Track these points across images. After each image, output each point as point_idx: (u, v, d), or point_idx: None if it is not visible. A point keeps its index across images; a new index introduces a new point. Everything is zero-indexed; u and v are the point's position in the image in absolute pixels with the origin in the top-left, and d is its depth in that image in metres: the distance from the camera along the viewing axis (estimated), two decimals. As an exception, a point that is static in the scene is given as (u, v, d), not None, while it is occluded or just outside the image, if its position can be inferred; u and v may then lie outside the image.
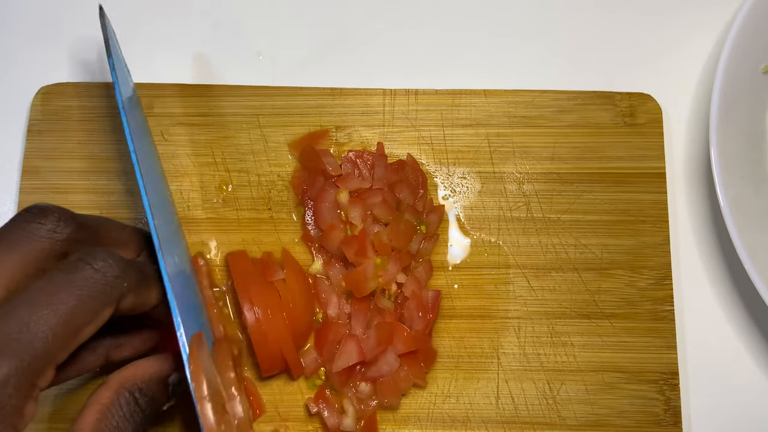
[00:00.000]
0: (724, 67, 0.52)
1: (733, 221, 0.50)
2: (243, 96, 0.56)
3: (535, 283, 0.53)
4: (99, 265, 0.38)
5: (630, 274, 0.53)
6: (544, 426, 0.51)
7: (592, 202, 0.55)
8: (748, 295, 0.54)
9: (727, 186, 0.50)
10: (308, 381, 0.51)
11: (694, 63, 0.59)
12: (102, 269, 0.38)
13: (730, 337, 0.54)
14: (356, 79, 0.57)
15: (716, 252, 0.55)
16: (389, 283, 0.51)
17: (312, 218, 0.53)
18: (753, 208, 0.52)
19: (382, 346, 0.49)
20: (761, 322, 0.54)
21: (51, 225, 0.39)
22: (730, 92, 0.52)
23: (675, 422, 0.51)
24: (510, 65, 0.58)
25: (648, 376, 0.52)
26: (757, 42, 0.53)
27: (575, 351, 0.52)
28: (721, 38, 0.59)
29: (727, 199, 0.50)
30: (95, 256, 0.38)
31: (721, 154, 0.51)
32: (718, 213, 0.54)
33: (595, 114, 0.56)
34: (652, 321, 0.52)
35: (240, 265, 0.50)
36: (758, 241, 0.50)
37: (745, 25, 0.52)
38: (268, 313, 0.48)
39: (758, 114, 0.55)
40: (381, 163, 0.53)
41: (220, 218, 0.54)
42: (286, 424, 0.50)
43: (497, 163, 0.55)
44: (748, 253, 0.49)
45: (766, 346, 0.53)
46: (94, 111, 0.56)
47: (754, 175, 0.54)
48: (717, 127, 0.51)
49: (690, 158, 0.57)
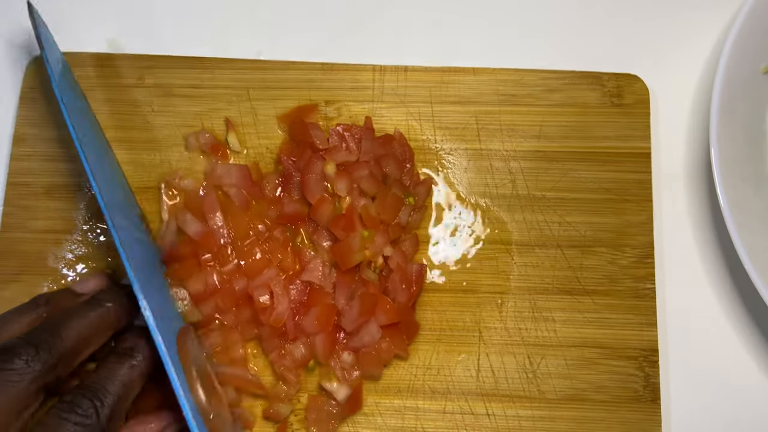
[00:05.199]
0: (724, 67, 0.52)
1: (733, 221, 0.50)
2: (234, 69, 0.56)
3: (518, 258, 0.54)
4: (77, 420, 0.39)
5: (612, 251, 0.54)
6: (523, 399, 0.52)
7: (577, 180, 0.55)
8: (748, 295, 0.54)
9: (727, 186, 0.50)
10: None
11: (694, 63, 0.59)
12: (84, 417, 0.39)
13: (731, 337, 0.54)
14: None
15: (716, 252, 0.55)
16: (376, 256, 0.51)
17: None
18: (753, 208, 0.52)
19: (365, 317, 0.50)
20: (761, 322, 0.54)
21: (20, 365, 0.39)
22: (730, 92, 0.52)
23: (653, 398, 0.51)
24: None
25: (628, 352, 0.52)
26: (757, 42, 0.53)
27: (556, 326, 0.53)
28: (721, 38, 0.59)
29: (727, 199, 0.50)
30: (77, 406, 0.40)
31: (721, 154, 0.51)
32: (718, 213, 0.54)
33: (583, 94, 0.56)
34: (633, 298, 0.53)
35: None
36: (758, 242, 0.50)
37: (745, 25, 0.52)
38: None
39: (758, 114, 0.55)
40: (368, 137, 0.53)
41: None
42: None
43: (484, 140, 0.56)
44: (748, 253, 0.49)
45: (766, 346, 0.54)
46: (84, 80, 0.56)
47: (754, 176, 0.54)
48: (717, 127, 0.51)
49: (690, 158, 0.57)
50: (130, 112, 0.56)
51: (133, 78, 0.56)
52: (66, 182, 0.54)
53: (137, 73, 0.56)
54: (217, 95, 0.56)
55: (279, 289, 0.50)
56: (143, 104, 0.56)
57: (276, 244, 0.52)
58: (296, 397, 0.51)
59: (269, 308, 0.50)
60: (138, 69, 0.56)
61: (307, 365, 0.51)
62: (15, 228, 0.54)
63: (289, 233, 0.53)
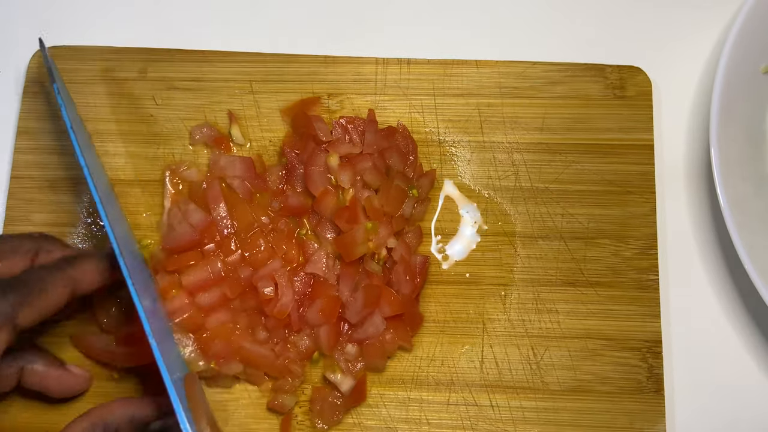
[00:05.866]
0: (724, 67, 0.52)
1: (733, 221, 0.50)
2: (237, 62, 0.56)
3: (522, 250, 0.54)
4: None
5: (616, 243, 0.54)
6: (527, 390, 0.52)
7: (580, 172, 0.55)
8: (748, 295, 0.54)
9: (727, 186, 0.50)
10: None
11: (694, 63, 0.59)
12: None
13: (731, 337, 0.54)
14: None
15: (716, 252, 0.55)
16: (380, 248, 0.51)
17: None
18: (753, 208, 0.52)
19: (369, 308, 0.50)
20: (761, 321, 0.54)
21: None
22: (730, 92, 0.52)
23: (657, 389, 0.51)
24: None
25: (631, 343, 0.52)
26: (757, 42, 0.53)
27: (560, 318, 0.53)
28: (721, 38, 0.59)
29: (727, 199, 0.50)
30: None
31: (721, 154, 0.51)
32: (718, 212, 0.54)
33: (586, 86, 0.56)
34: (636, 290, 0.53)
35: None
36: (758, 241, 0.51)
37: (745, 25, 0.52)
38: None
39: (758, 114, 0.55)
40: (371, 129, 0.53)
41: (212, 182, 0.55)
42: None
43: (487, 133, 0.56)
44: (748, 253, 0.49)
45: (766, 346, 0.54)
46: (87, 74, 0.56)
47: (754, 175, 0.54)
48: (717, 127, 0.51)
49: (690, 158, 0.57)
50: (133, 105, 0.56)
51: (135, 71, 0.56)
52: (69, 175, 0.54)
53: (140, 66, 0.56)
54: (219, 88, 0.56)
55: (283, 280, 0.50)
56: (146, 97, 0.56)
57: (280, 236, 0.52)
58: (300, 388, 0.51)
59: (273, 300, 0.50)
60: (141, 62, 0.56)
61: (312, 357, 0.51)
62: (19, 221, 0.54)
63: (293, 225, 0.53)
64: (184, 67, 0.56)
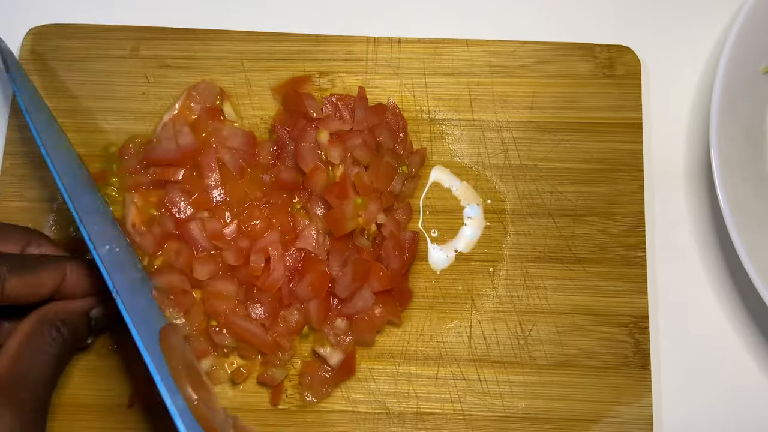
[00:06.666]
0: (724, 67, 0.52)
1: (733, 221, 0.50)
2: (228, 40, 0.57)
3: (510, 227, 0.54)
4: None
5: (604, 220, 0.54)
6: (515, 365, 0.52)
7: (569, 150, 0.55)
8: (748, 295, 0.54)
9: (727, 186, 0.50)
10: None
11: (694, 63, 0.59)
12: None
13: (731, 337, 0.54)
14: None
15: (716, 252, 0.56)
16: (369, 223, 0.52)
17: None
18: (753, 208, 0.52)
19: (358, 283, 0.50)
20: (761, 322, 0.54)
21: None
22: (730, 93, 0.52)
23: (644, 364, 0.52)
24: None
25: (618, 319, 0.53)
26: (757, 42, 0.53)
27: (548, 294, 0.53)
28: (721, 38, 0.59)
29: (727, 199, 0.50)
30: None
31: (721, 155, 0.51)
32: (718, 213, 0.55)
33: (575, 65, 0.57)
34: (623, 266, 0.53)
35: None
36: (758, 241, 0.51)
37: (745, 25, 0.52)
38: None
39: (758, 114, 0.55)
40: (361, 106, 0.54)
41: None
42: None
43: (477, 111, 0.56)
44: (748, 253, 0.49)
45: (766, 346, 0.54)
46: (80, 52, 0.56)
47: (754, 176, 0.54)
48: (717, 128, 0.51)
49: (690, 158, 0.57)
50: (126, 83, 0.56)
51: (128, 49, 0.57)
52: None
53: (132, 44, 0.57)
54: (211, 66, 0.56)
55: (277, 253, 0.50)
56: (138, 75, 0.56)
57: (274, 209, 0.52)
58: (290, 362, 0.52)
59: (264, 273, 0.50)
60: (132, 40, 0.57)
61: (302, 331, 0.52)
62: (12, 197, 0.54)
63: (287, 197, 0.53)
64: (177, 45, 0.57)
